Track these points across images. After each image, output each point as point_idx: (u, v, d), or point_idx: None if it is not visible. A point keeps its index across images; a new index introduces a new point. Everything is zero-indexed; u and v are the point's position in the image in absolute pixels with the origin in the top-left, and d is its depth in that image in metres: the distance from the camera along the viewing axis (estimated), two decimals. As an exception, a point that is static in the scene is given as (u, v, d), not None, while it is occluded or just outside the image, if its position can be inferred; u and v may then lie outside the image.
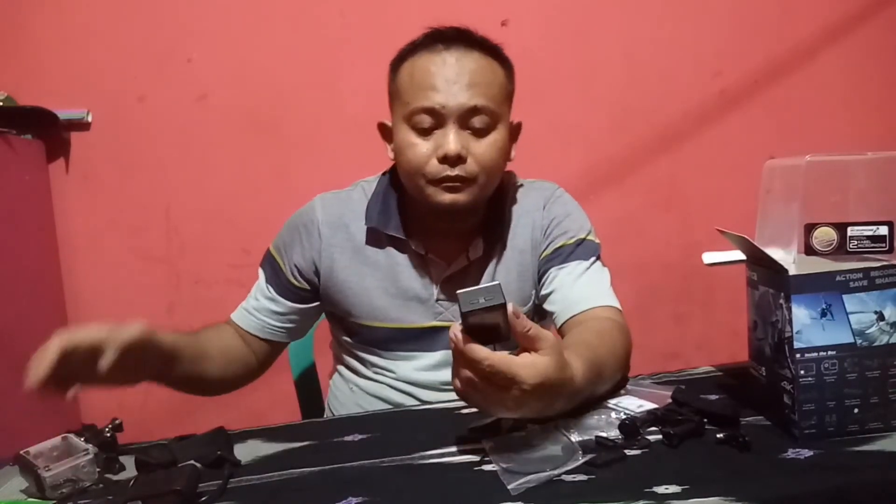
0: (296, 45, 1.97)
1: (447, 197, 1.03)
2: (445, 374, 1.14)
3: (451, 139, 1.01)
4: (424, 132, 1.03)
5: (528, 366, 0.71)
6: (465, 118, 1.02)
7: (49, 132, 1.91)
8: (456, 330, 0.72)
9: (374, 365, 1.19)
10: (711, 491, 0.66)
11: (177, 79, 1.97)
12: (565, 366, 0.75)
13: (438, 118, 1.02)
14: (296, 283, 1.15)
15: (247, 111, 1.99)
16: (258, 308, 1.16)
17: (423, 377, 1.16)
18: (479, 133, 1.04)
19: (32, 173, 1.88)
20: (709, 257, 1.05)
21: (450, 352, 1.12)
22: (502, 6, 2.05)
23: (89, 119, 1.95)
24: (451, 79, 1.01)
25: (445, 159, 1.01)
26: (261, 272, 1.18)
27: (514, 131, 1.13)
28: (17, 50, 1.91)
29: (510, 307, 0.70)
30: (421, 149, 1.03)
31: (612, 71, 2.11)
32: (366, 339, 1.17)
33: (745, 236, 0.84)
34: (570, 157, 2.10)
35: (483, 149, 1.04)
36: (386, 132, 1.13)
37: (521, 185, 1.21)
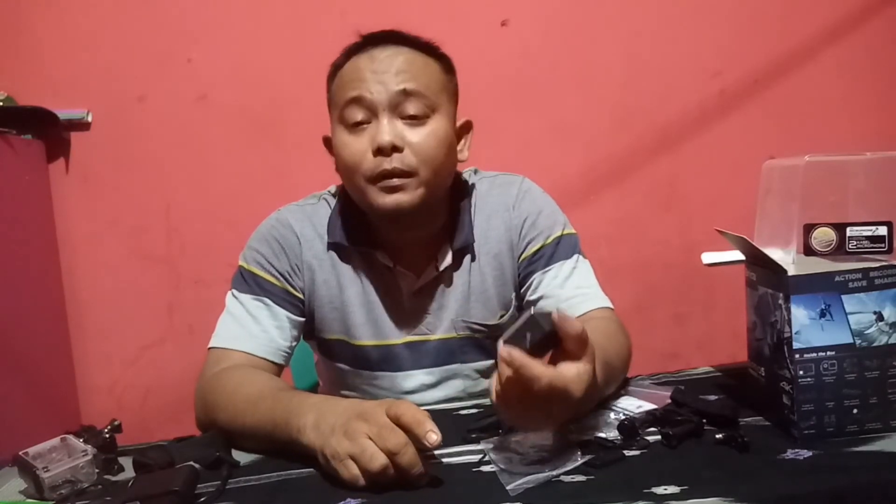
0: (296, 45, 1.97)
1: (389, 199, 0.98)
2: (434, 394, 1.12)
3: (384, 128, 0.96)
4: (357, 127, 0.98)
5: (576, 379, 0.70)
6: (397, 105, 0.97)
7: (49, 132, 1.91)
8: (511, 351, 0.68)
9: (358, 388, 1.14)
10: (710, 492, 0.66)
11: (177, 79, 1.97)
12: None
13: (369, 108, 0.97)
14: (294, 291, 1.08)
15: (247, 111, 2.00)
16: (265, 330, 1.04)
17: (412, 399, 1.10)
18: (416, 122, 0.98)
19: (32, 173, 1.88)
20: (708, 257, 1.05)
21: (434, 369, 1.11)
22: (502, 6, 2.05)
23: (89, 119, 1.95)
24: (379, 70, 0.98)
25: (380, 151, 0.96)
26: (240, 295, 1.06)
27: (463, 129, 1.09)
28: (17, 50, 1.91)
29: (554, 314, 0.69)
30: (355, 146, 0.98)
31: (612, 71, 2.11)
32: (347, 358, 1.12)
33: (744, 236, 0.84)
34: (570, 157, 2.09)
35: (420, 138, 0.98)
36: (330, 145, 1.08)
37: (482, 182, 1.15)
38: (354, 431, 0.73)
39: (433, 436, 0.70)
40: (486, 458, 0.78)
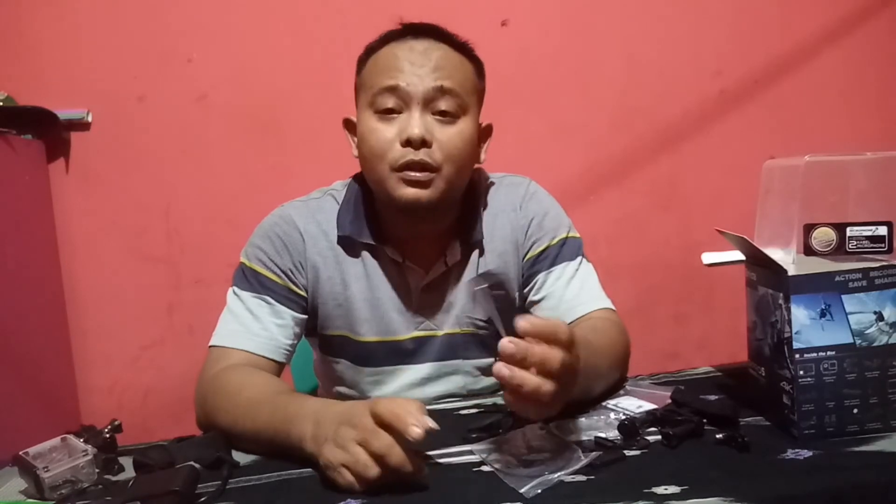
0: (296, 44, 1.97)
1: (409, 192, 0.98)
2: (434, 389, 1.12)
3: (416, 121, 0.97)
4: (388, 114, 0.99)
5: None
6: (430, 101, 0.99)
7: (49, 132, 1.91)
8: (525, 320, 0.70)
9: (357, 385, 1.14)
10: (710, 491, 0.66)
11: (177, 79, 1.97)
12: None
13: (403, 99, 0.98)
14: (297, 289, 1.07)
15: (247, 111, 1.99)
16: (265, 328, 1.03)
17: (411, 395, 1.10)
18: (446, 120, 1.00)
19: (32, 173, 1.88)
20: (708, 257, 1.05)
21: (436, 364, 1.11)
22: (502, 6, 2.05)
23: (89, 119, 1.95)
24: (417, 62, 0.99)
25: (409, 142, 0.97)
26: (241, 292, 1.05)
27: (485, 132, 1.10)
28: (17, 50, 1.91)
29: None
30: (384, 133, 0.99)
31: (612, 71, 2.11)
32: (349, 354, 1.12)
33: (745, 236, 0.84)
34: (571, 157, 2.10)
35: (449, 136, 0.99)
36: (351, 128, 1.09)
37: (491, 182, 1.16)
38: (344, 439, 0.72)
39: (414, 429, 0.67)
40: (484, 461, 0.77)
